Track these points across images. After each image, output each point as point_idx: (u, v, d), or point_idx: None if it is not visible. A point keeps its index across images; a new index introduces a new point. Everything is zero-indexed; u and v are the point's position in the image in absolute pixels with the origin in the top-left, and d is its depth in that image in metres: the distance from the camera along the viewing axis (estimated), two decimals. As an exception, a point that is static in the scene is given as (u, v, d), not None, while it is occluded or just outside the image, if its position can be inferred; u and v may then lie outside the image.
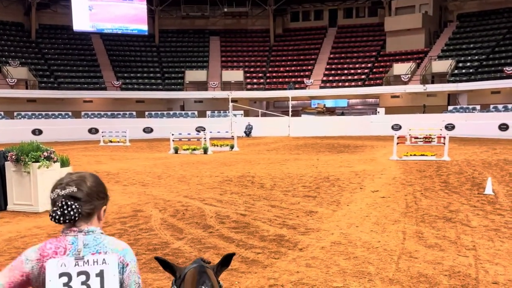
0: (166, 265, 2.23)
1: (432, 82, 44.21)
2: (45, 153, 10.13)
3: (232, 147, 27.02)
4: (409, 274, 5.95)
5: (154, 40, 54.36)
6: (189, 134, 28.45)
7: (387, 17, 49.28)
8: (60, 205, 1.97)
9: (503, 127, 35.13)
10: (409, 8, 48.37)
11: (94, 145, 33.43)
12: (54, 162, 10.40)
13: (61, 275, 1.93)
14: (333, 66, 51.13)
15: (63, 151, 20.18)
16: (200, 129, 39.32)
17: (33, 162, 9.99)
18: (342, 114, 48.57)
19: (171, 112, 47.43)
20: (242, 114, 45.35)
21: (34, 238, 7.97)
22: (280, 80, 50.92)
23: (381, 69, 48.18)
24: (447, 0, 50.32)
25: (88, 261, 1.96)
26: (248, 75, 51.76)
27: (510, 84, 38.67)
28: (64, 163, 11.07)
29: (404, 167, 17.19)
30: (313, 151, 25.28)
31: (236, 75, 50.56)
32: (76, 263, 1.95)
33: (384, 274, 5.96)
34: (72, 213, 1.96)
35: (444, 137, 20.33)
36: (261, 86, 50.70)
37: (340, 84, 48.18)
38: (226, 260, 2.31)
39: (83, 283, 1.94)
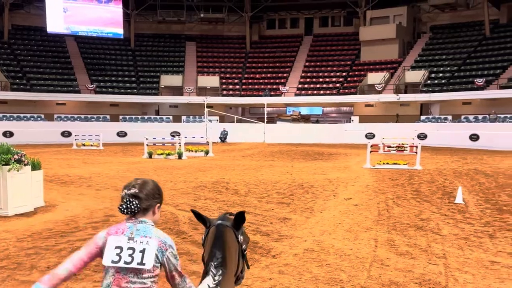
0: (200, 217, 2.87)
1: (405, 92, 44.86)
2: (16, 156, 9.93)
3: (207, 152, 26.91)
4: (381, 281, 6.01)
5: (129, 44, 53.84)
6: (164, 138, 28.21)
7: (362, 27, 49.89)
8: (125, 201, 2.72)
9: (474, 137, 35.83)
10: (383, 18, 49.05)
11: (66, 148, 32.90)
12: (25, 165, 10.20)
13: (116, 247, 2.68)
14: (309, 74, 51.49)
15: (35, 154, 19.84)
16: (175, 134, 39.10)
17: (3, 165, 9.78)
18: (317, 121, 48.88)
19: (146, 117, 46.99)
20: (217, 120, 45.28)
21: (2, 242, 7.79)
22: (256, 86, 51.04)
23: (355, 78, 48.71)
24: (420, 12, 51.26)
25: (136, 241, 2.68)
26: (224, 81, 51.74)
27: (481, 96, 39.55)
28: (35, 167, 10.86)
29: (377, 175, 17.39)
30: (288, 158, 25.37)
31: (212, 80, 50.49)
32: (128, 241, 2.68)
33: (356, 281, 6.02)
34: (133, 207, 2.72)
35: (417, 146, 20.65)
36: (237, 92, 50.71)
37: (315, 92, 48.59)
38: (239, 218, 2.79)
39: (129, 255, 2.66)
